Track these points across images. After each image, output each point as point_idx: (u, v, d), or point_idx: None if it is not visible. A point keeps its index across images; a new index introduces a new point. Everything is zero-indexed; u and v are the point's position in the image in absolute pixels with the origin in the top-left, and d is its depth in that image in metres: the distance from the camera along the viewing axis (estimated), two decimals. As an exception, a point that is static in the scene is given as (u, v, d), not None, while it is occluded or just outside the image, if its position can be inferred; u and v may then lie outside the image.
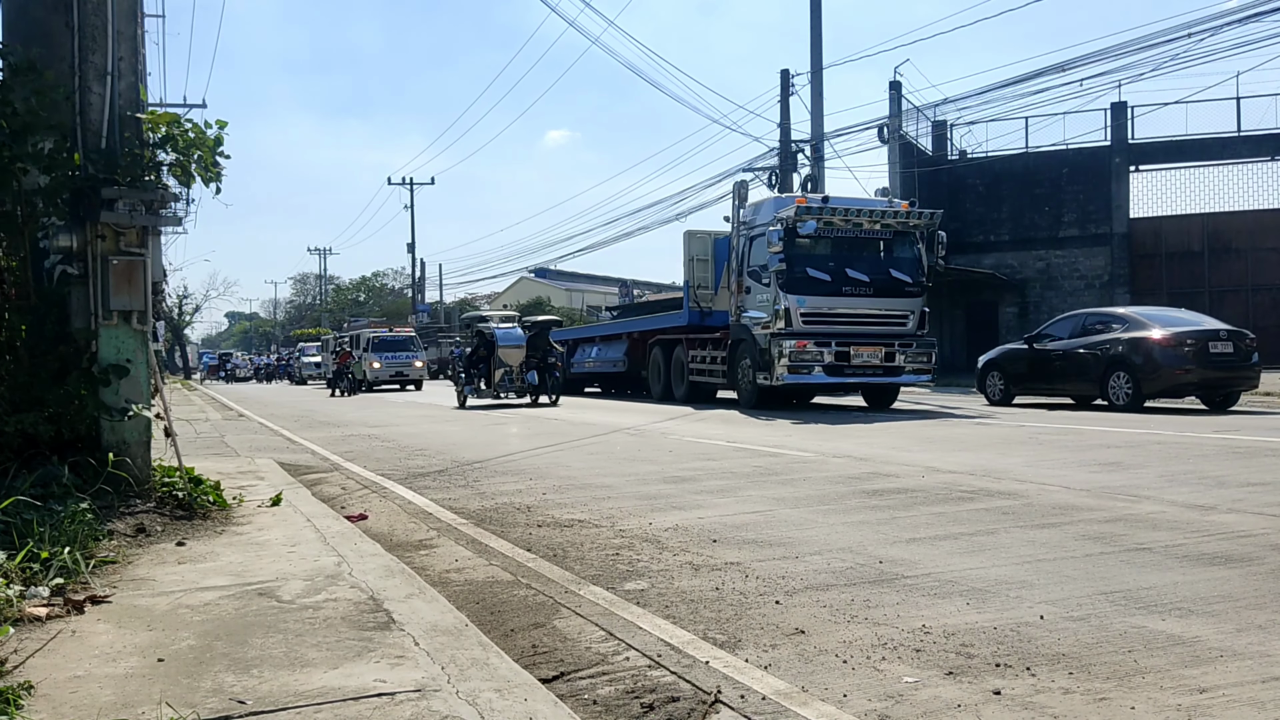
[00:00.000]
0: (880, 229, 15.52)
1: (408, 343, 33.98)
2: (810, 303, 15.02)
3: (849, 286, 15.20)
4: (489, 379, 19.82)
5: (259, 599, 3.69)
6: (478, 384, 20.03)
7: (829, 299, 15.13)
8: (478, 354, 20.19)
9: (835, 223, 15.26)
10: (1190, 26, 20.31)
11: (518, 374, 19.68)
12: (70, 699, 2.63)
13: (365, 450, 10.61)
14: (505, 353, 19.57)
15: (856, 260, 15.42)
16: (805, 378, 14.93)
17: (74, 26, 5.62)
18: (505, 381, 19.67)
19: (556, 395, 19.53)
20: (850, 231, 15.48)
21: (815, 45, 25.47)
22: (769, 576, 4.21)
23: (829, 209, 15.13)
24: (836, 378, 15.08)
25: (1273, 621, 3.37)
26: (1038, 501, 5.90)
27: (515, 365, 19.63)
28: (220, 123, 5.95)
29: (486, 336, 20.18)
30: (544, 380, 19.53)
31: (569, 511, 6.08)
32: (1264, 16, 19.39)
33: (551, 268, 59.75)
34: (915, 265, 15.67)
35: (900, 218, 15.37)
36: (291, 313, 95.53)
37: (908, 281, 15.52)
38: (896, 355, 15.21)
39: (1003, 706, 2.68)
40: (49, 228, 5.62)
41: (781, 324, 14.98)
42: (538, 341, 19.87)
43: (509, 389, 19.77)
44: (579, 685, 3.04)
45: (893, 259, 15.68)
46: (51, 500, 4.78)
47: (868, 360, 15.13)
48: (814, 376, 14.95)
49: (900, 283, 15.48)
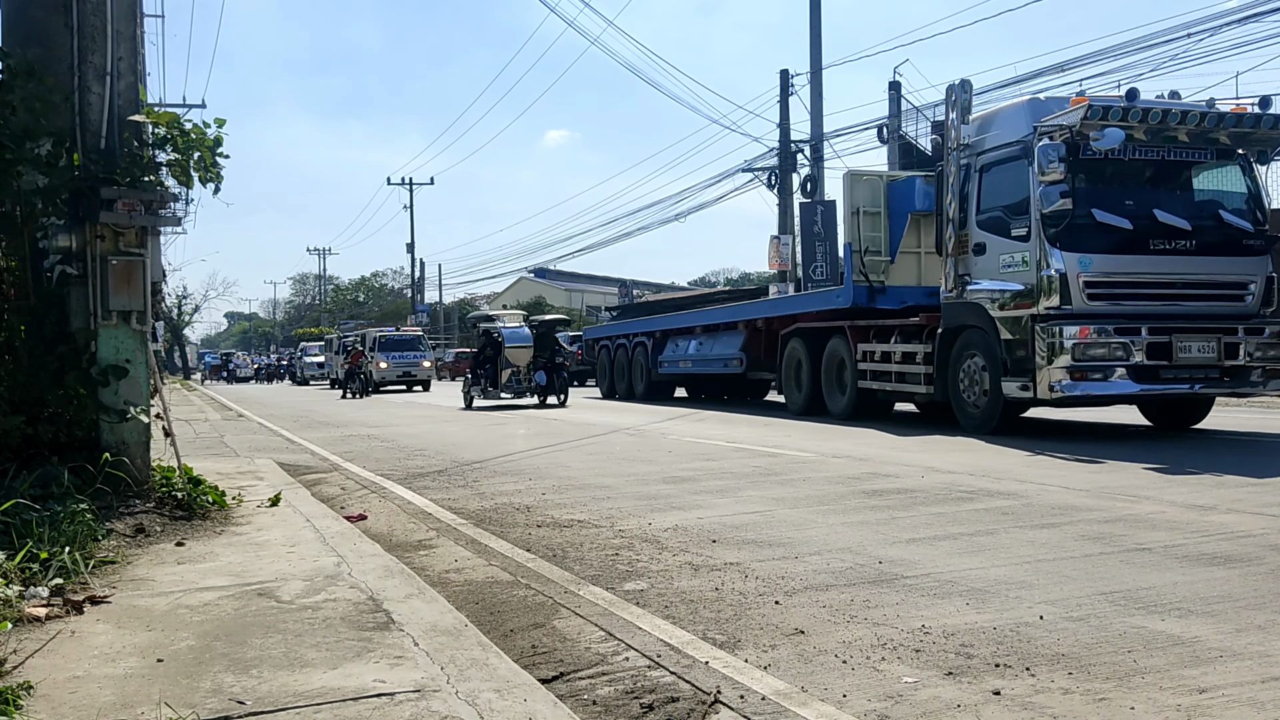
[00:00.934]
0: (1204, 146, 9.90)
1: (415, 342, 33.09)
2: (1102, 264, 9.46)
3: (1161, 238, 9.61)
4: (496, 379, 19.52)
5: (258, 599, 3.69)
6: (484, 385, 19.70)
7: (1132, 258, 9.58)
8: (484, 354, 19.93)
9: (1137, 136, 9.52)
10: (1189, 27, 20.28)
11: (525, 374, 19.34)
12: (70, 699, 2.63)
13: (364, 450, 10.61)
14: (512, 352, 19.26)
15: (1167, 197, 9.87)
16: (1100, 386, 9.34)
17: (73, 27, 5.62)
18: (513, 382, 19.33)
19: (564, 396, 19.24)
20: (1158, 152, 9.83)
21: (814, 45, 25.49)
22: (768, 577, 4.21)
23: (1134, 110, 9.30)
24: (1150, 385, 9.41)
25: (1272, 622, 3.37)
26: (1037, 502, 5.90)
27: (523, 365, 19.31)
28: (219, 122, 5.96)
29: (493, 336, 19.92)
30: (552, 380, 19.17)
31: (568, 512, 6.08)
32: (1263, 17, 19.37)
33: (551, 268, 59.77)
34: (1253, 205, 10.09)
35: (1243, 126, 9.54)
36: (291, 313, 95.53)
37: (1246, 230, 9.86)
38: (1240, 349, 9.53)
39: (1002, 707, 2.68)
40: (48, 228, 5.62)
41: (1053, 300, 9.42)
42: (545, 341, 19.57)
43: (517, 389, 19.39)
44: (578, 685, 3.04)
45: (1219, 195, 10.17)
46: (51, 500, 4.78)
47: (1198, 356, 9.46)
48: (1114, 385, 9.36)
49: (1237, 232, 9.86)
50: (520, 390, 19.35)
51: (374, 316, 65.05)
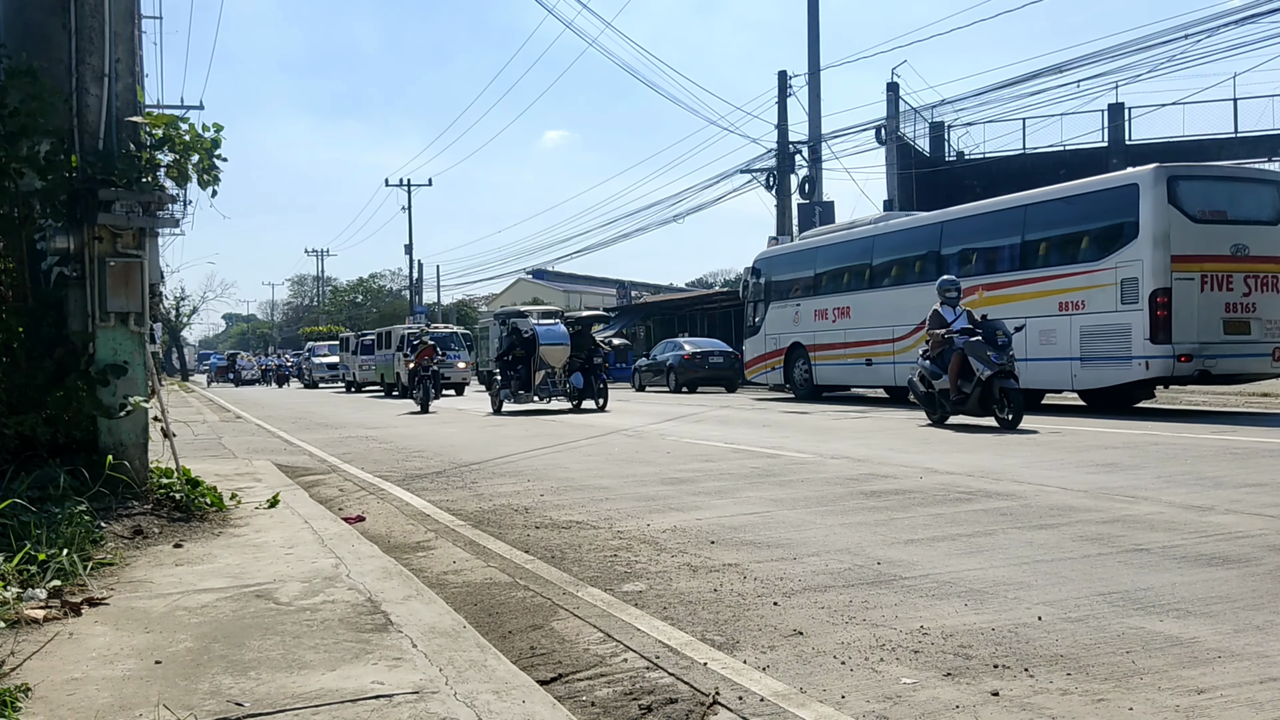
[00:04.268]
0: None
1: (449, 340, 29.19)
2: None
3: None
4: (528, 382, 17.47)
5: (256, 601, 3.69)
6: (514, 388, 17.59)
7: None
8: (514, 354, 17.78)
9: None
10: (1187, 28, 20.38)
11: (561, 376, 17.52)
12: (68, 701, 2.62)
13: (363, 452, 10.60)
14: (547, 352, 17.35)
15: None
16: None
17: (71, 28, 5.62)
18: (547, 385, 17.46)
19: (604, 400, 17.62)
20: None
21: (812, 47, 25.51)
22: (767, 578, 4.21)
23: None
24: None
25: (1270, 622, 3.38)
26: (1035, 502, 5.91)
27: (558, 366, 17.47)
28: (217, 126, 5.96)
29: (525, 334, 17.93)
30: (590, 382, 17.60)
31: (567, 513, 6.08)
32: (1261, 18, 19.41)
33: (549, 269, 59.77)
34: None
35: None
36: (289, 314, 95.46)
37: None
38: None
39: (1001, 708, 2.68)
40: (46, 229, 5.62)
41: None
42: (581, 340, 17.88)
43: (552, 393, 17.55)
44: (577, 687, 3.04)
45: None
46: (49, 502, 4.77)
47: None
48: None
49: None
50: (554, 393, 17.64)
51: (372, 318, 64.94)
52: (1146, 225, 12.35)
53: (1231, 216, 12.61)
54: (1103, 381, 13.06)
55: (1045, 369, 13.58)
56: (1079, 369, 13.25)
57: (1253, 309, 12.44)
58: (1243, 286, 12.38)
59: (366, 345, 33.44)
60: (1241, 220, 12.62)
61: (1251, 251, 12.41)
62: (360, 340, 34.31)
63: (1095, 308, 12.97)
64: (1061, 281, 13.47)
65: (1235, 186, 13.27)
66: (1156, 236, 12.25)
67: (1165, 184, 12.32)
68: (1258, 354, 12.53)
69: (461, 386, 28.64)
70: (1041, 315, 13.53)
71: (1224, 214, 12.59)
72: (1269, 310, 12.53)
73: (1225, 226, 12.52)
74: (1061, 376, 13.49)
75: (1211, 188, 12.94)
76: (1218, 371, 12.46)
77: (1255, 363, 12.57)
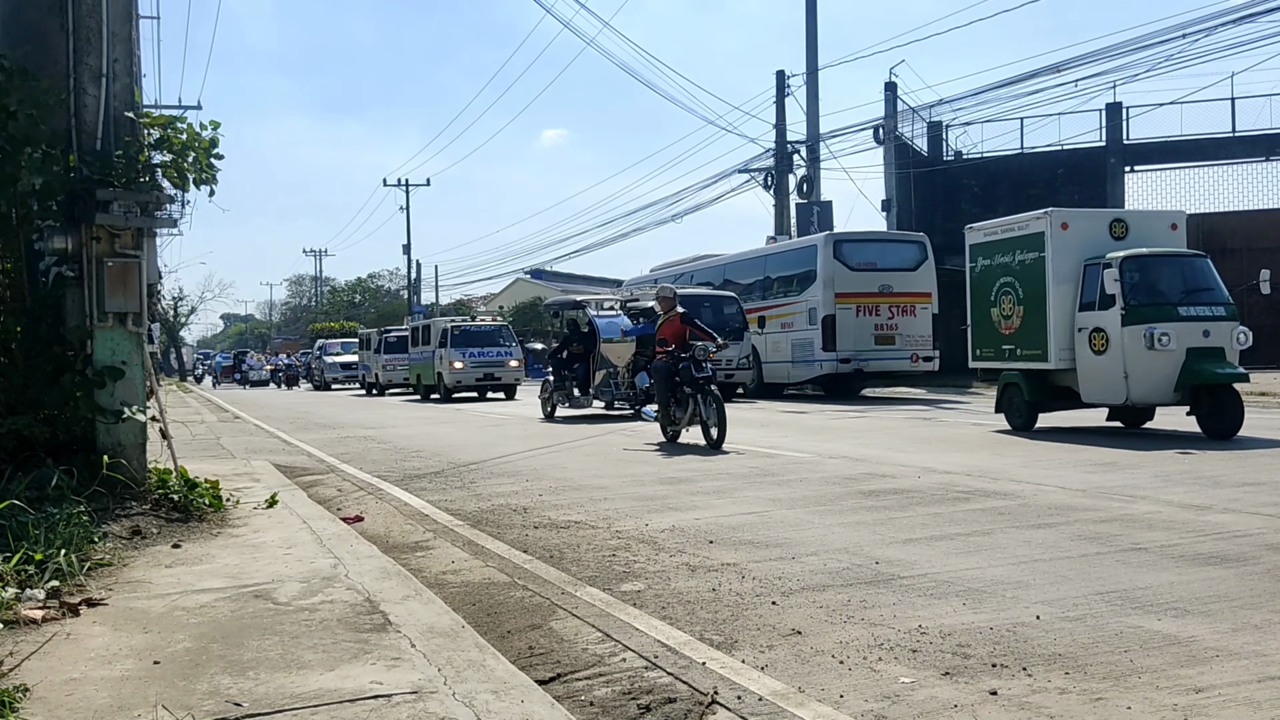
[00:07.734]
0: None
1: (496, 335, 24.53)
2: None
3: None
4: (588, 383, 15.15)
5: (255, 601, 3.69)
6: (570, 389, 15.23)
7: None
8: (570, 351, 15.39)
9: None
10: (1185, 27, 20.38)
11: (624, 376, 14.68)
12: (66, 701, 2.62)
13: (361, 452, 10.60)
14: (609, 348, 14.94)
15: None
16: None
17: (69, 29, 5.61)
18: (609, 386, 14.93)
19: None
20: None
21: (811, 46, 25.53)
22: (765, 577, 4.21)
23: None
24: None
25: (1268, 621, 3.38)
26: (1033, 502, 5.91)
27: (622, 365, 14.80)
28: (214, 123, 5.95)
29: (582, 328, 15.55)
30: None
31: (565, 513, 6.08)
32: (1259, 17, 19.43)
33: (547, 269, 59.70)
34: None
35: None
36: (287, 314, 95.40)
37: None
38: None
39: (999, 707, 2.68)
40: (44, 230, 5.61)
41: None
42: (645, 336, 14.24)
43: (614, 395, 14.89)
44: (576, 686, 3.04)
45: None
46: (47, 503, 4.77)
47: None
48: None
49: None
50: (617, 396, 14.89)
51: (370, 318, 64.90)
52: (820, 273, 18.44)
53: (880, 265, 18.62)
54: (803, 376, 19.23)
55: (779, 368, 19.82)
56: (792, 368, 19.40)
57: (895, 327, 18.36)
58: (888, 313, 18.33)
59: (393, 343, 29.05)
60: (888, 268, 18.59)
61: (895, 289, 18.38)
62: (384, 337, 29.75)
63: (799, 327, 19.06)
64: (783, 309, 19.78)
65: (884, 245, 19.51)
66: (825, 280, 18.29)
67: (832, 245, 18.51)
68: (900, 358, 18.42)
69: (512, 389, 24.24)
70: (775, 332, 19.94)
71: (874, 264, 18.61)
72: (908, 328, 18.45)
73: (875, 273, 18.45)
74: (786, 372, 19.67)
75: (865, 247, 19.03)
76: (870, 369, 18.48)
77: (898, 363, 18.48)
